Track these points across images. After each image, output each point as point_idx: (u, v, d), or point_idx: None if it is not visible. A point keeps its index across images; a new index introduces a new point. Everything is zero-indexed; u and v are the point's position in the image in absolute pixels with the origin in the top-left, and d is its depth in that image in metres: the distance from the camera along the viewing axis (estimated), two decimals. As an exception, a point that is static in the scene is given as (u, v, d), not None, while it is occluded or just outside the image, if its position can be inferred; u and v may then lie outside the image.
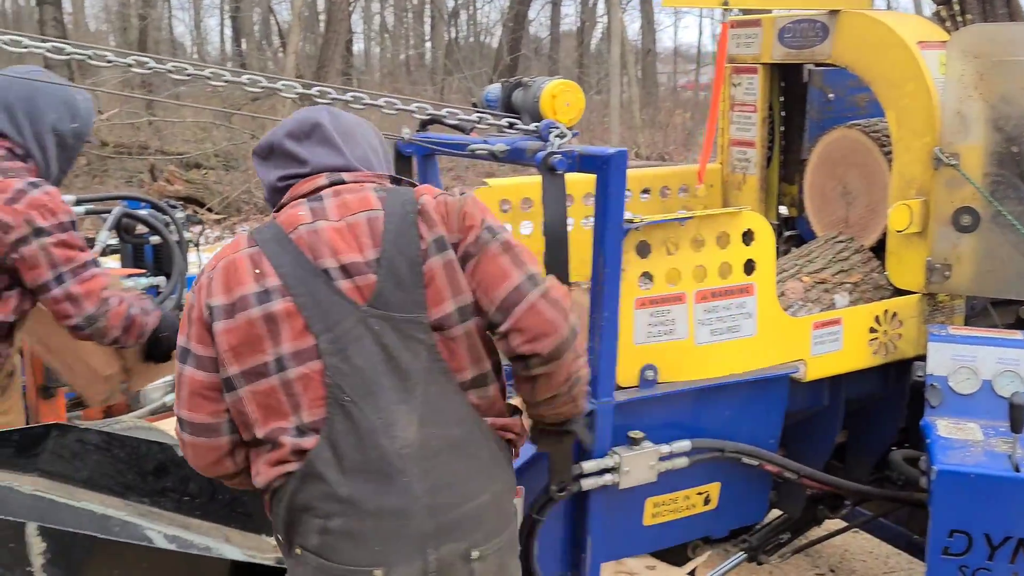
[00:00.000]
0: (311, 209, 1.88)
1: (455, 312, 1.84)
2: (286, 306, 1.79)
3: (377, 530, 1.78)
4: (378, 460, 1.78)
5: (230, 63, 24.00)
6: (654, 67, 29.35)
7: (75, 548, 2.03)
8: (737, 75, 3.64)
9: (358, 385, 1.78)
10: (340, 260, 1.81)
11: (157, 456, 2.74)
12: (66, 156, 2.91)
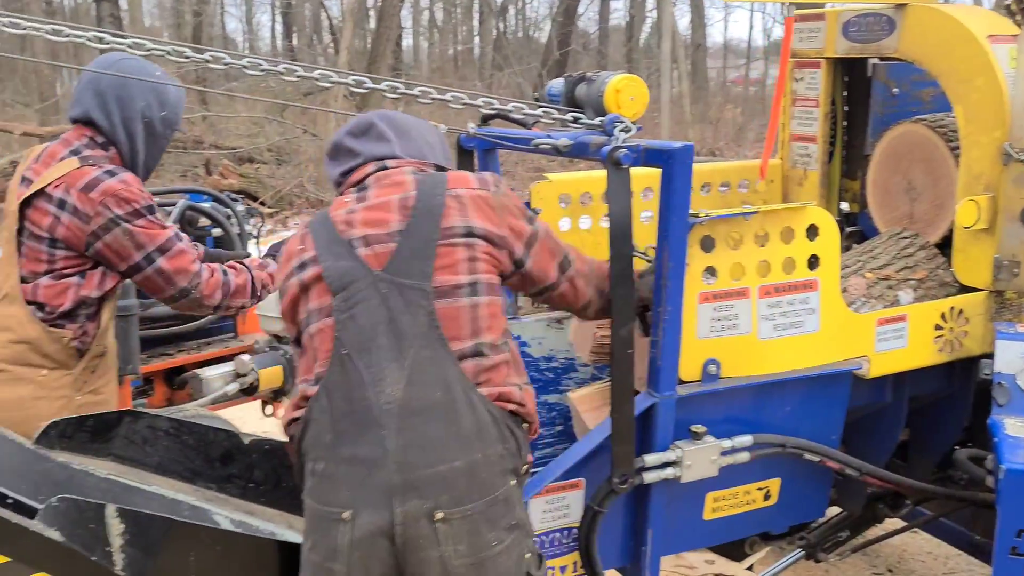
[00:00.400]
0: (356, 196, 2.14)
1: (466, 286, 2.01)
2: (315, 272, 2.05)
3: (348, 475, 1.93)
4: (362, 412, 1.94)
5: (280, 58, 24.21)
6: (704, 62, 29.14)
7: (152, 530, 2.08)
8: (799, 69, 3.61)
9: (356, 340, 1.97)
10: (365, 231, 2.06)
11: (223, 443, 2.80)
12: (156, 144, 2.96)
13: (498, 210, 2.12)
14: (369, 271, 2.01)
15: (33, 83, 18.22)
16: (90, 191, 2.76)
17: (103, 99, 2.88)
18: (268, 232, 10.28)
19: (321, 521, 1.96)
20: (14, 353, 2.87)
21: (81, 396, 2.97)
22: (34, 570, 2.01)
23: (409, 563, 1.91)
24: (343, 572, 1.93)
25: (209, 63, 2.20)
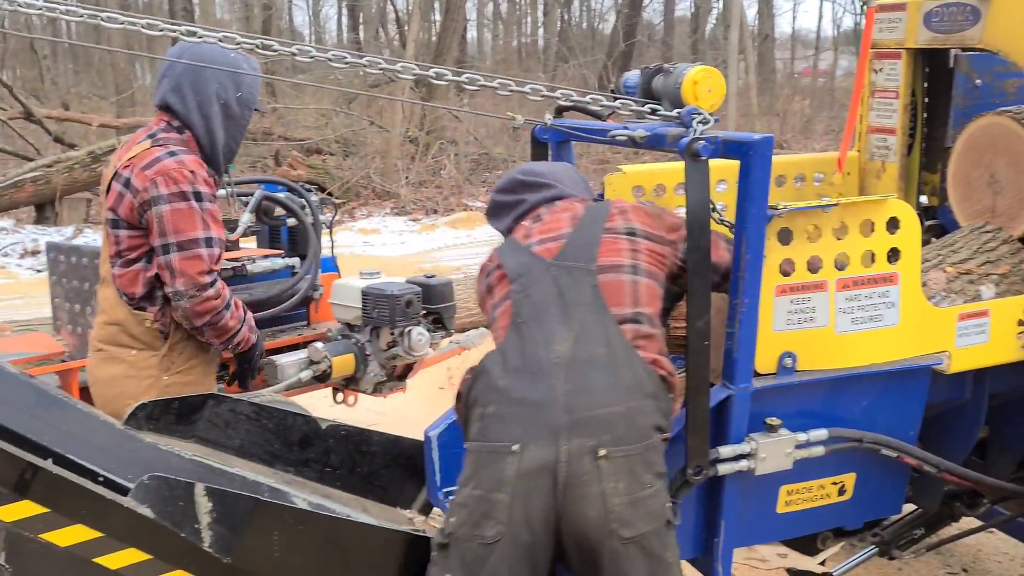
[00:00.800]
0: (531, 221, 2.53)
1: (627, 266, 2.32)
2: (499, 273, 2.42)
3: (519, 415, 2.11)
4: (533, 364, 2.16)
5: (352, 51, 24.43)
6: (771, 53, 28.74)
7: (238, 508, 2.14)
8: (878, 60, 3.56)
9: (531, 311, 2.26)
10: (540, 237, 2.42)
11: (302, 428, 2.87)
12: (234, 125, 3.03)
13: (654, 216, 2.49)
14: (542, 260, 2.35)
15: (109, 76, 18.66)
16: (147, 169, 2.86)
17: (178, 84, 2.96)
18: (335, 222, 10.43)
19: (488, 456, 2.11)
20: (109, 334, 3.03)
21: (168, 376, 3.08)
22: (125, 545, 2.08)
23: (570, 499, 2.04)
24: (506, 502, 2.05)
25: (295, 56, 2.24)
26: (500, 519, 2.06)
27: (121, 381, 3.04)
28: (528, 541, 2.06)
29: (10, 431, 2.12)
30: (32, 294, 8.60)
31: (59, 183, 11.57)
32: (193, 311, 2.90)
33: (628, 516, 2.05)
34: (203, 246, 2.88)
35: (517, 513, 2.05)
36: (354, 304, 4.25)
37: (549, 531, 2.07)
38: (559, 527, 2.07)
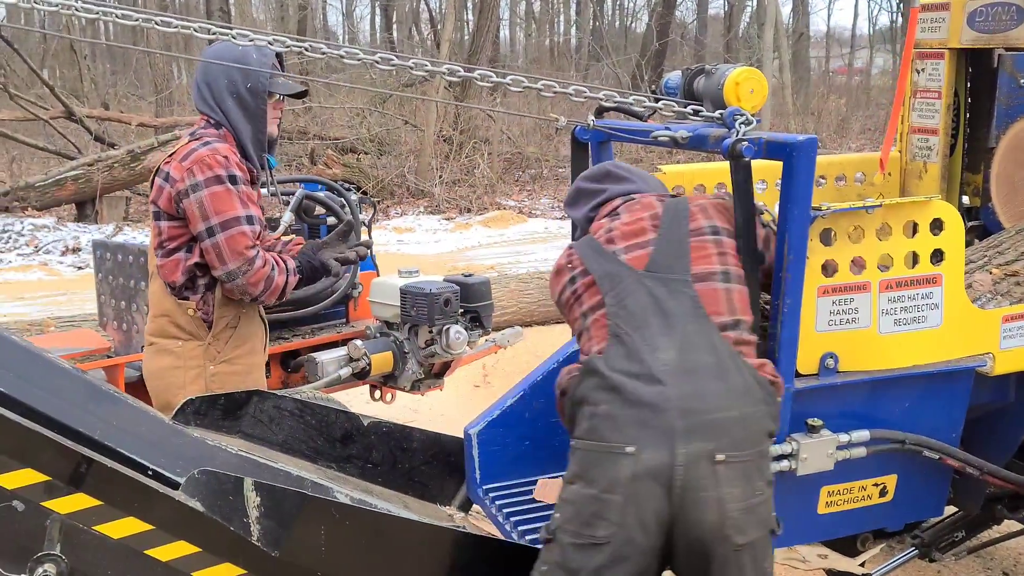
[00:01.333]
0: (610, 219, 2.49)
1: (719, 273, 2.30)
2: (587, 280, 2.38)
3: (633, 416, 2.10)
4: (642, 370, 2.15)
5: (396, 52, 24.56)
6: (806, 51, 28.54)
7: (286, 503, 2.17)
8: (921, 60, 3.54)
9: (630, 321, 2.24)
10: (625, 243, 2.38)
11: (344, 425, 2.90)
12: (251, 114, 3.09)
13: (732, 211, 2.42)
14: (633, 271, 2.31)
15: (148, 76, 18.87)
16: (184, 160, 2.97)
17: (198, 86, 3.09)
18: (374, 221, 10.49)
19: (600, 456, 2.11)
20: (158, 326, 3.13)
21: (214, 366, 3.15)
22: (175, 538, 2.11)
23: (687, 503, 2.05)
24: (619, 503, 2.06)
25: (343, 58, 2.27)
26: (612, 520, 2.06)
27: (170, 372, 3.12)
28: (642, 544, 2.06)
29: (64, 425, 2.17)
30: (74, 290, 8.73)
31: (99, 181, 11.73)
32: (248, 284, 2.99)
33: (742, 523, 2.06)
34: (244, 223, 2.96)
35: (630, 515, 2.05)
36: (393, 302, 4.29)
37: (662, 533, 2.07)
38: (672, 530, 2.07)
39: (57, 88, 14.51)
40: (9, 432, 1.95)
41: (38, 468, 1.96)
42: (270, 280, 3.05)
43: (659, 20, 22.44)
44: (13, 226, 11.06)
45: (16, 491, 1.95)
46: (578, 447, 2.18)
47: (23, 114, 13.75)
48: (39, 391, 2.18)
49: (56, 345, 3.85)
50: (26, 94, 14.40)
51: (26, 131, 14.11)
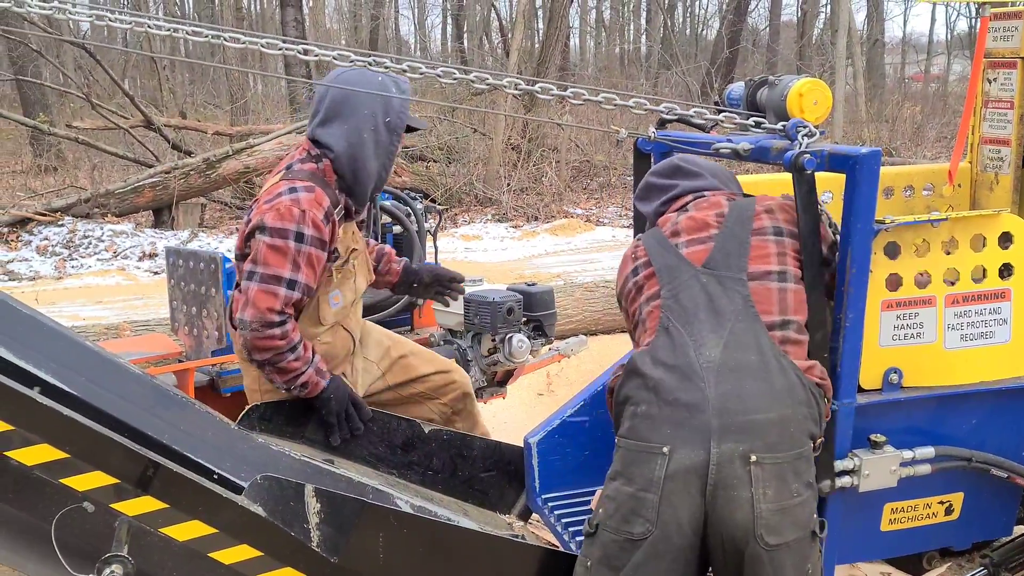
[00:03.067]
0: (678, 214, 2.52)
1: (775, 273, 2.32)
2: (648, 271, 2.44)
3: (670, 416, 2.15)
4: (684, 365, 2.19)
5: (450, 59, 24.82)
6: (881, 58, 28.01)
7: (345, 509, 2.21)
8: (992, 70, 3.46)
9: (680, 315, 2.28)
10: (688, 237, 2.43)
11: (405, 432, 2.94)
12: (383, 150, 2.89)
13: None
14: (691, 266, 2.36)
15: (224, 86, 19.30)
16: (266, 203, 2.79)
17: (325, 113, 2.87)
18: (441, 229, 10.57)
19: (639, 455, 2.16)
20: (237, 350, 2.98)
21: None
22: (238, 542, 2.17)
23: (719, 501, 2.08)
24: (654, 501, 2.11)
25: (406, 72, 2.31)
26: (648, 517, 2.11)
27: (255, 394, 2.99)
28: (678, 542, 2.10)
29: (133, 428, 2.24)
30: (150, 295, 8.95)
31: (176, 188, 12.02)
32: (253, 345, 2.74)
33: (775, 523, 2.07)
34: (284, 286, 2.74)
35: (666, 513, 2.10)
36: (456, 310, 4.34)
37: (697, 531, 2.11)
38: (706, 529, 2.11)
39: (137, 98, 14.91)
40: (81, 435, 2.02)
41: (108, 471, 2.03)
42: (279, 356, 2.74)
43: (730, 27, 22.22)
44: (93, 232, 11.38)
45: (87, 493, 2.02)
46: (620, 445, 2.23)
47: (104, 123, 14.17)
48: (110, 395, 2.26)
49: (129, 349, 3.97)
50: (107, 104, 14.83)
51: (107, 139, 14.53)
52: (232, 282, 3.94)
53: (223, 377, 4.00)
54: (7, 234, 11.35)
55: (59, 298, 9.09)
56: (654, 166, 2.78)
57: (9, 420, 1.95)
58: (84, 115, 15.07)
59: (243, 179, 12.62)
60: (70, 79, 16.07)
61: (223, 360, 3.99)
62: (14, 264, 10.52)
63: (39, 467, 1.98)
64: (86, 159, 15.03)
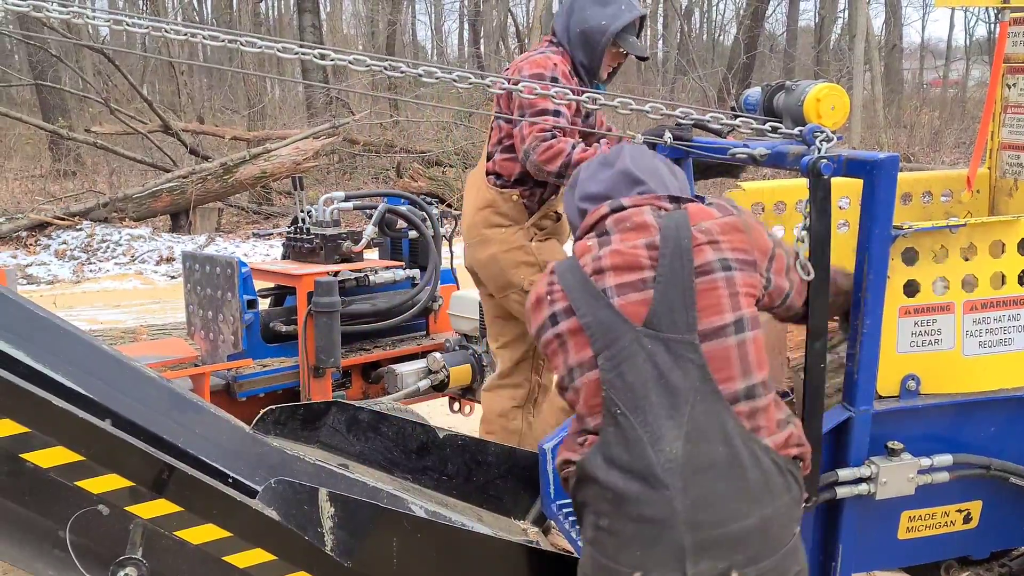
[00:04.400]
0: (598, 241, 2.07)
1: (731, 324, 1.94)
2: (572, 324, 2.00)
3: (638, 535, 1.87)
4: (643, 469, 1.87)
5: (466, 64, 24.87)
6: (899, 63, 27.90)
7: (359, 514, 2.21)
8: (1012, 75, 3.44)
9: (628, 399, 1.91)
10: (617, 280, 1.98)
11: (420, 437, 2.94)
12: (589, 45, 3.56)
13: (747, 231, 2.04)
14: (630, 326, 1.94)
15: (241, 91, 19.40)
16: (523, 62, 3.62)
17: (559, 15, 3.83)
18: (456, 234, 10.59)
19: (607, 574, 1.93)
20: (481, 218, 3.66)
21: (534, 243, 3.66)
22: (252, 546, 2.17)
23: None
24: None
25: (421, 77, 2.31)
26: None
27: (499, 256, 3.64)
28: None
29: (149, 432, 2.25)
30: (167, 299, 9.00)
31: (193, 193, 12.09)
32: (539, 159, 3.42)
33: None
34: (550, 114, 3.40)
35: None
36: (472, 315, 4.35)
37: None
38: None
39: (155, 103, 15.00)
40: (96, 438, 2.03)
41: (123, 474, 2.03)
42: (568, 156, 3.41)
43: (747, 33, 22.18)
44: (111, 236, 11.46)
45: (102, 495, 2.02)
46: (587, 552, 2.00)
47: (123, 128, 14.27)
48: (126, 398, 2.27)
49: (146, 353, 3.99)
50: (126, 109, 14.93)
51: (125, 144, 14.63)
52: (247, 287, 3.98)
53: (239, 381, 4.02)
54: (26, 238, 11.44)
55: (77, 302, 9.15)
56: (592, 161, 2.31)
57: (25, 423, 1.96)
58: (103, 120, 15.18)
59: (260, 184, 12.69)
60: (89, 84, 16.19)
61: (239, 364, 4.01)
62: (33, 268, 10.60)
63: (54, 469, 1.98)
64: (105, 164, 15.15)
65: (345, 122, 14.13)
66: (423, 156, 15.17)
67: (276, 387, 4.15)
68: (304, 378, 4.09)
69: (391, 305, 4.46)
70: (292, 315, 4.28)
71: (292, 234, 4.48)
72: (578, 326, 1.98)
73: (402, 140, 15.82)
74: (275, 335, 4.24)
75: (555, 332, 2.03)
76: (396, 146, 15.29)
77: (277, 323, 4.27)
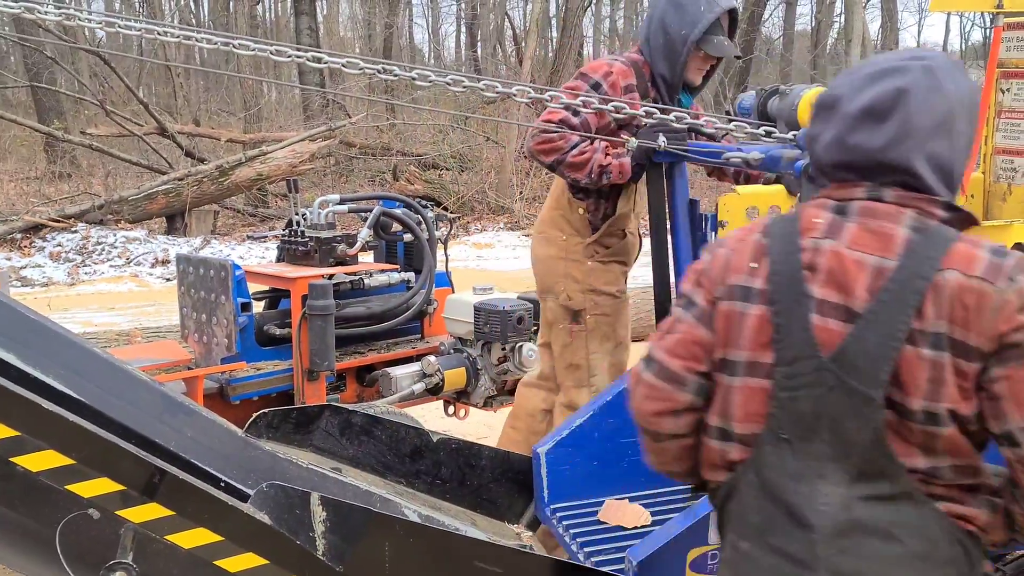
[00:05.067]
0: (829, 224, 1.69)
1: (920, 412, 1.60)
2: (761, 314, 1.70)
3: (775, 568, 1.72)
4: (794, 505, 1.69)
5: (463, 68, 24.90)
6: (896, 68, 27.87)
7: (351, 519, 2.20)
8: (1006, 80, 3.45)
9: (796, 428, 1.68)
10: (824, 294, 1.65)
11: (413, 440, 2.93)
12: (670, 54, 3.38)
13: (992, 313, 1.57)
14: (817, 353, 1.65)
15: (237, 93, 19.40)
16: None
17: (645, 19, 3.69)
18: (452, 237, 10.58)
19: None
20: (550, 219, 3.65)
21: (591, 262, 3.59)
22: (243, 550, 2.16)
23: None
24: None
25: (415, 80, 2.31)
26: None
27: (553, 261, 3.63)
28: None
29: (140, 435, 2.24)
30: (162, 302, 8.99)
31: (188, 195, 12.08)
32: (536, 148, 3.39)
33: None
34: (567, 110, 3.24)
35: None
36: (467, 319, 4.34)
37: None
38: None
39: (152, 105, 14.99)
40: (87, 442, 2.02)
41: (114, 477, 2.02)
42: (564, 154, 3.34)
43: (744, 37, 22.21)
44: (107, 238, 11.45)
45: (92, 499, 2.01)
46: (721, 571, 1.86)
47: (118, 130, 14.26)
48: (118, 401, 2.26)
49: (140, 356, 3.98)
50: (122, 111, 14.93)
51: (121, 146, 14.62)
52: (241, 290, 3.98)
53: (232, 384, 4.01)
54: (21, 240, 11.42)
55: (72, 304, 9.14)
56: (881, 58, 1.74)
57: (15, 426, 1.95)
58: (98, 122, 15.17)
59: (256, 186, 12.69)
60: (85, 86, 16.17)
61: (232, 367, 4.00)
62: (27, 270, 10.59)
63: (45, 473, 1.97)
64: (100, 166, 15.14)
65: (341, 125, 14.13)
66: (420, 159, 15.18)
67: (270, 390, 4.13)
68: (298, 381, 4.08)
69: (386, 308, 4.45)
70: (286, 318, 4.27)
71: (287, 237, 4.47)
72: (767, 322, 1.69)
73: (399, 143, 15.82)
74: (269, 338, 4.23)
75: (740, 309, 1.73)
76: (393, 149, 15.29)
77: (271, 326, 4.26)
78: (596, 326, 3.58)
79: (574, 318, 3.58)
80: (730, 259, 1.76)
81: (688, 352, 1.79)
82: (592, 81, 3.32)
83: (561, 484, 2.90)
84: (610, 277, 3.61)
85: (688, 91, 3.55)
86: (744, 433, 1.74)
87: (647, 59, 3.45)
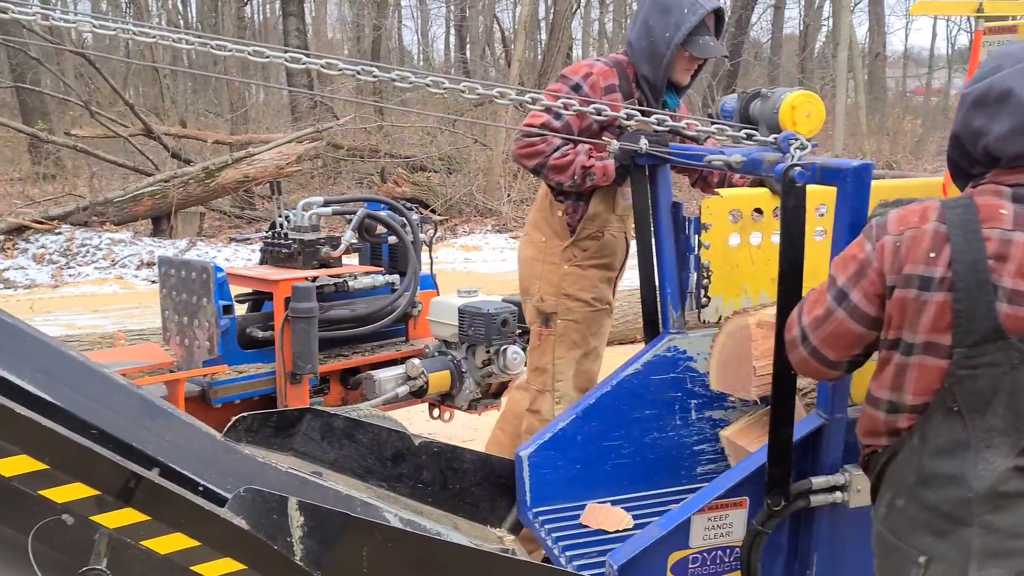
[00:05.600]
0: (1015, 213, 1.76)
1: None
2: (942, 300, 1.76)
3: (930, 523, 1.84)
4: (955, 465, 1.79)
5: (452, 70, 24.89)
6: (882, 71, 28.07)
7: (329, 523, 2.18)
8: (988, 84, 3.45)
9: (970, 401, 1.76)
10: (1015, 284, 1.71)
11: (395, 444, 2.92)
12: (653, 57, 3.40)
13: None
14: (1004, 336, 1.72)
15: (225, 95, 19.35)
16: None
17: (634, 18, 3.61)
18: (438, 239, 10.55)
19: (893, 552, 1.91)
20: (533, 220, 3.67)
21: (568, 266, 3.56)
22: (220, 555, 2.13)
23: None
24: None
25: (396, 82, 2.30)
26: None
27: (531, 262, 3.66)
28: None
29: (117, 439, 2.22)
30: (147, 304, 8.94)
31: (174, 197, 12.03)
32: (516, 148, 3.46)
33: None
34: (545, 112, 3.25)
35: None
36: (451, 322, 4.32)
37: None
38: None
39: (138, 106, 14.94)
40: (61, 446, 1.99)
41: (88, 482, 2.00)
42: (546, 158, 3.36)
43: (732, 40, 22.27)
44: (91, 240, 11.39)
45: (66, 505, 1.99)
46: (877, 529, 1.98)
47: (104, 131, 14.19)
48: (93, 405, 2.24)
49: (122, 359, 3.95)
50: (108, 112, 14.86)
51: (106, 148, 14.55)
52: (223, 292, 3.95)
53: (214, 387, 3.98)
54: (4, 242, 11.35)
55: (55, 306, 9.09)
56: None
57: (-13, 431, 1.93)
58: (83, 123, 15.10)
59: (242, 188, 12.64)
60: (70, 87, 16.10)
61: (214, 370, 3.98)
62: (10, 272, 10.53)
63: (17, 478, 1.95)
64: (85, 167, 15.06)
65: (329, 127, 14.10)
66: (408, 161, 15.16)
67: (252, 393, 4.11)
68: (281, 384, 4.06)
69: (370, 311, 4.43)
70: (269, 321, 4.24)
71: (270, 239, 4.45)
72: (947, 308, 1.75)
73: (387, 145, 15.79)
74: (252, 341, 4.20)
75: (919, 296, 1.79)
76: (380, 151, 15.27)
77: (254, 329, 4.23)
78: (565, 332, 3.57)
79: (544, 321, 3.59)
80: (905, 248, 1.82)
81: (841, 344, 1.97)
82: (572, 83, 3.35)
83: (544, 488, 2.89)
84: (586, 284, 3.58)
85: (675, 91, 3.56)
86: (916, 404, 1.84)
87: (631, 60, 3.47)
